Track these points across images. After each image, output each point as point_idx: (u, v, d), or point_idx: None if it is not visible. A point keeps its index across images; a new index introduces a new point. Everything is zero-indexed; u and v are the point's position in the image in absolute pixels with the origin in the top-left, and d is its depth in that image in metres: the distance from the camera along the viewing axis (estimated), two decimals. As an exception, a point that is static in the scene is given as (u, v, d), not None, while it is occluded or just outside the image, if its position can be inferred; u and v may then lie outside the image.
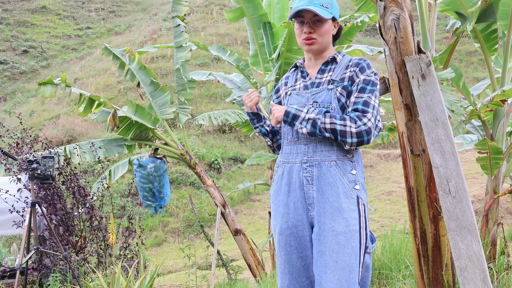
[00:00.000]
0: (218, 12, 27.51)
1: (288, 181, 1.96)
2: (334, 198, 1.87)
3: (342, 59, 2.03)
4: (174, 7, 5.68)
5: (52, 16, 30.50)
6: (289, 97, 2.09)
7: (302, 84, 2.08)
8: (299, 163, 1.95)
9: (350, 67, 1.98)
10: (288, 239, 1.94)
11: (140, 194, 5.21)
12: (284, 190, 1.97)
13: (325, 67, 2.04)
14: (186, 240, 12.51)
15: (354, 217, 1.87)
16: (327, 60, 2.04)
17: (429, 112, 2.23)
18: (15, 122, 17.25)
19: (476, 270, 2.08)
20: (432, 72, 2.26)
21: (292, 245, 1.93)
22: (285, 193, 1.96)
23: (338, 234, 1.84)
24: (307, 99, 2.01)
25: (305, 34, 2.00)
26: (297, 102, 2.04)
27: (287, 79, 2.19)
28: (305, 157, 1.94)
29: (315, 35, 1.99)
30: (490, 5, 3.41)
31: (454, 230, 2.13)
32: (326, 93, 1.97)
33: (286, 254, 1.95)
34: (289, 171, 1.97)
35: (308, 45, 2.01)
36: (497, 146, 3.49)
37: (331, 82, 1.98)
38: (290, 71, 2.21)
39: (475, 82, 17.43)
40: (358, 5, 4.32)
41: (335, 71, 2.00)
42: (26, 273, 4.33)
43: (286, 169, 1.99)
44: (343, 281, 1.81)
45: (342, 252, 1.82)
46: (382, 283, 3.46)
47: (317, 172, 1.90)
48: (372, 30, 25.67)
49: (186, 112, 5.69)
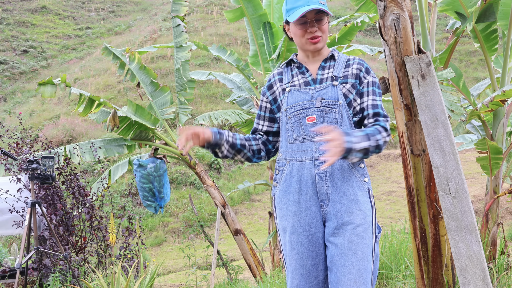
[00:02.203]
0: (218, 12, 27.51)
1: (299, 179, 1.93)
2: (350, 191, 1.90)
3: (339, 56, 2.04)
4: (174, 7, 5.69)
5: (52, 16, 30.49)
6: (289, 94, 2.03)
7: (302, 80, 2.03)
8: (309, 160, 1.92)
9: (351, 65, 1.99)
10: (300, 238, 1.92)
11: (140, 194, 5.21)
12: (295, 188, 1.93)
13: (325, 64, 2.03)
14: (186, 240, 12.51)
15: (368, 208, 1.91)
16: (326, 57, 2.03)
17: (429, 112, 2.23)
18: (15, 122, 17.24)
19: (476, 270, 2.08)
20: (432, 72, 2.26)
21: (304, 244, 1.92)
22: (295, 191, 1.93)
23: (357, 226, 1.87)
24: (312, 96, 1.97)
25: (311, 33, 1.97)
26: (301, 99, 1.99)
27: (280, 75, 2.11)
28: (316, 154, 1.91)
29: (319, 32, 1.97)
30: (490, 5, 3.41)
31: (454, 230, 2.13)
32: (332, 90, 1.95)
33: (298, 253, 1.93)
34: (299, 169, 1.93)
35: (314, 44, 1.97)
36: (497, 146, 3.49)
37: (335, 79, 1.97)
38: (281, 66, 2.13)
39: (475, 82, 17.41)
40: (358, 5, 4.32)
41: (336, 68, 1.99)
42: (26, 273, 4.33)
43: (295, 167, 1.95)
44: (362, 271, 1.85)
45: (361, 243, 1.86)
46: (382, 283, 3.46)
47: (330, 168, 1.89)
48: (372, 30, 25.67)
49: (186, 112, 5.69)
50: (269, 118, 2.12)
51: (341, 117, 1.93)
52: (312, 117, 1.95)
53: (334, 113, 1.93)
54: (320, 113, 1.94)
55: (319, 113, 1.94)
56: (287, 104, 2.01)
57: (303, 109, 1.97)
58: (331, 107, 1.93)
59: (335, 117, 1.93)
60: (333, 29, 20.41)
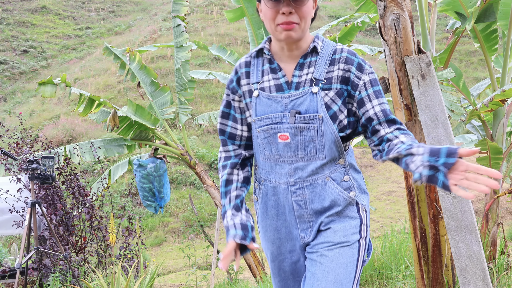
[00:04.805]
0: (218, 12, 27.51)
1: (276, 203, 1.60)
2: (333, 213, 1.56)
3: (323, 48, 1.55)
4: (174, 7, 5.69)
5: (52, 16, 30.49)
6: (257, 100, 1.57)
7: (273, 82, 1.56)
8: (284, 185, 1.56)
9: (337, 63, 1.52)
10: (281, 265, 1.66)
11: (140, 194, 5.21)
12: (272, 213, 1.62)
13: (304, 60, 1.55)
14: (186, 240, 12.51)
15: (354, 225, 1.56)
16: (307, 51, 1.55)
17: (429, 112, 2.23)
18: (15, 122, 17.25)
19: (476, 270, 2.08)
20: (432, 72, 2.26)
21: (286, 271, 1.66)
22: (273, 217, 1.62)
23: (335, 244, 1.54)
24: (285, 107, 1.53)
25: (284, 16, 1.47)
26: (271, 110, 1.54)
27: (248, 67, 1.63)
28: (292, 179, 1.55)
29: (295, 17, 1.47)
30: (490, 5, 3.41)
31: (454, 230, 2.13)
32: (310, 99, 1.50)
33: (281, 280, 1.69)
34: (274, 192, 1.59)
35: (287, 30, 1.48)
36: (497, 146, 3.49)
37: (315, 83, 1.51)
38: (251, 55, 1.64)
39: (475, 82, 17.42)
40: (358, 5, 4.32)
41: (318, 66, 1.53)
42: (26, 273, 4.33)
43: (269, 189, 1.60)
44: None
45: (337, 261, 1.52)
46: (382, 283, 3.46)
47: (310, 195, 1.54)
48: (372, 30, 25.67)
49: (186, 112, 5.69)
50: (246, 120, 1.65)
51: (321, 134, 1.50)
52: (285, 135, 1.52)
53: (313, 129, 1.50)
54: (295, 131, 1.51)
55: (293, 131, 1.51)
56: (255, 114, 1.58)
57: (274, 124, 1.54)
58: (309, 123, 1.50)
59: (314, 135, 1.51)
60: (333, 29, 20.43)
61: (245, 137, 1.66)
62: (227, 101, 1.66)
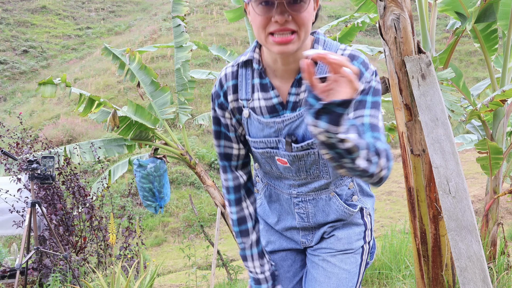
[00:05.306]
0: (218, 12, 27.52)
1: (279, 208, 1.53)
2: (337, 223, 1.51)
3: None
4: (174, 7, 5.69)
5: (52, 16, 30.50)
6: (248, 120, 1.36)
7: (264, 103, 1.32)
8: (287, 195, 1.47)
9: None
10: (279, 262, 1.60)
11: (140, 194, 5.21)
12: (273, 219, 1.56)
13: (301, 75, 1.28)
14: (186, 240, 12.51)
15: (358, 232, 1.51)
16: None
17: (429, 112, 2.23)
18: (15, 122, 17.25)
19: (476, 270, 2.08)
20: (432, 72, 2.26)
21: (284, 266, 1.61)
22: (274, 223, 1.57)
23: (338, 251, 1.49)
24: (278, 132, 1.33)
25: (277, 24, 1.17)
26: (264, 135, 1.35)
27: (235, 80, 1.36)
28: (294, 191, 1.45)
29: (292, 24, 1.17)
30: (490, 5, 3.41)
31: (454, 230, 2.13)
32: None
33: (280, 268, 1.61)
34: (277, 198, 1.51)
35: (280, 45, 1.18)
36: (497, 146, 3.49)
37: None
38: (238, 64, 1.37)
39: (475, 82, 17.42)
40: (358, 5, 4.32)
41: None
42: (26, 273, 4.33)
43: (273, 193, 1.51)
44: None
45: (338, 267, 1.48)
46: (382, 283, 3.46)
47: (313, 209, 1.46)
48: (372, 30, 25.67)
49: (186, 112, 5.69)
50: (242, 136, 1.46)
51: (323, 157, 1.34)
52: (283, 160, 1.38)
53: (313, 155, 1.34)
54: (293, 159, 1.36)
55: (291, 158, 1.36)
56: (249, 134, 1.40)
57: (270, 148, 1.37)
58: (308, 149, 1.33)
59: (315, 159, 1.35)
60: (333, 29, 20.42)
61: (243, 155, 1.47)
62: (216, 118, 1.42)
